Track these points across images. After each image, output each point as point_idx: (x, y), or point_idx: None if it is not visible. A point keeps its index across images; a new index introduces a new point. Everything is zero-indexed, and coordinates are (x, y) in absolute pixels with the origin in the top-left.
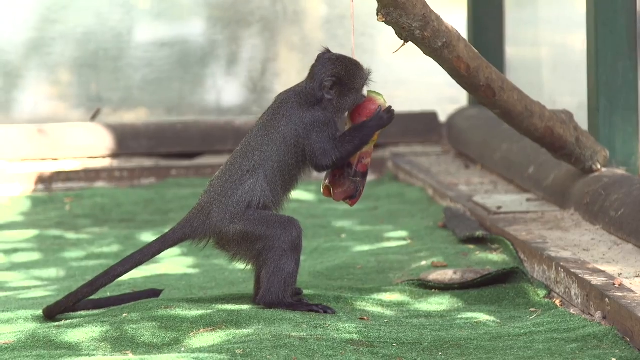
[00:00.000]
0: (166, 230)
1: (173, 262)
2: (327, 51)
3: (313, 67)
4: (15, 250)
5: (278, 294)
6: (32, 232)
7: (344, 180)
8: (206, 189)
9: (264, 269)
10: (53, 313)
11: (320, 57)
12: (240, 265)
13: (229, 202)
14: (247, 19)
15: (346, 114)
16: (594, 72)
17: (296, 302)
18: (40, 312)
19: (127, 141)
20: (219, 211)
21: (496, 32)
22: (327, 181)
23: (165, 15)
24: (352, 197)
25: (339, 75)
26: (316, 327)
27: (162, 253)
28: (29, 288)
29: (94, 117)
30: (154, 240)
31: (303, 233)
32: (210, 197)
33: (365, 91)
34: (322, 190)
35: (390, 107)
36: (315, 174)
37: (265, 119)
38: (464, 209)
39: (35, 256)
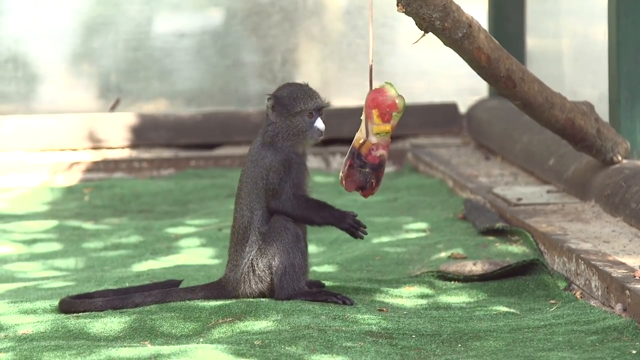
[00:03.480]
0: (185, 221)
1: (192, 253)
2: None
3: None
4: (35, 241)
5: (292, 286)
6: (51, 223)
7: (354, 171)
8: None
9: (273, 269)
10: (68, 312)
11: None
12: None
13: (242, 274)
14: (267, 10)
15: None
16: (615, 63)
17: (316, 291)
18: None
19: (146, 132)
20: (242, 285)
21: (517, 23)
22: (342, 172)
23: (185, 6)
24: (362, 189)
25: (278, 96)
26: (335, 318)
27: (181, 243)
28: (47, 278)
29: (113, 108)
30: (184, 287)
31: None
32: (229, 270)
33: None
34: (340, 181)
35: (357, 223)
36: (335, 165)
37: (244, 167)
38: (484, 201)
39: (54, 247)
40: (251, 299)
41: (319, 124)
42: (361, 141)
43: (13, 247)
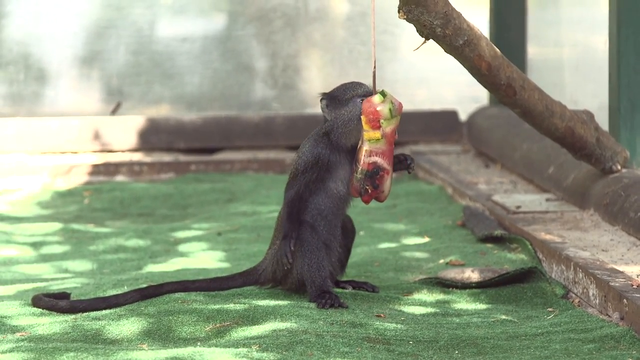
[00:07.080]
0: (185, 225)
1: (191, 257)
2: None
3: None
4: (35, 244)
5: (315, 287)
6: (51, 225)
7: (352, 177)
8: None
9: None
10: (75, 311)
11: None
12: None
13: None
14: (268, 15)
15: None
16: (615, 73)
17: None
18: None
19: (146, 136)
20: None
21: (518, 31)
22: None
23: (187, 10)
24: (361, 195)
25: (329, 92)
26: (332, 323)
27: (180, 247)
28: (46, 280)
29: (114, 111)
30: (219, 277)
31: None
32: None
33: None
34: None
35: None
36: None
37: None
38: (483, 208)
39: (55, 249)
40: (249, 303)
41: None
42: (358, 148)
43: (16, 249)
